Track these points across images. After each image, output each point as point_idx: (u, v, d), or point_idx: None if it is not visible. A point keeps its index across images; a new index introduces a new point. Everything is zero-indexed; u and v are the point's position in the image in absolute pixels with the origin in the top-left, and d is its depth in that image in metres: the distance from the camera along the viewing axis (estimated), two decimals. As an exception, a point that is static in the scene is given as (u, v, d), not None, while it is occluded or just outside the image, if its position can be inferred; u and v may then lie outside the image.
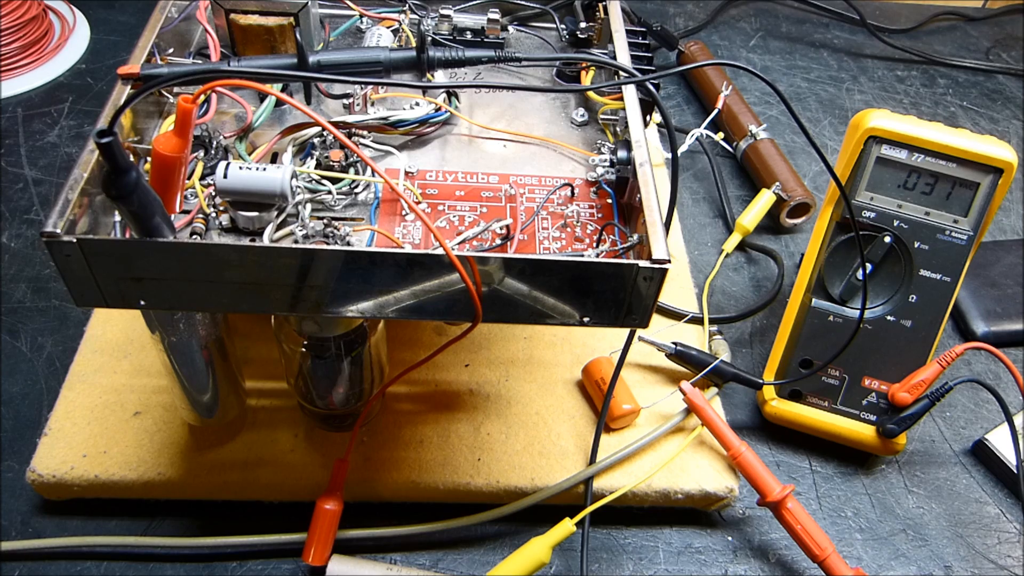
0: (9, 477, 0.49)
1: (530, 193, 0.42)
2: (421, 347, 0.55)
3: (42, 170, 0.68)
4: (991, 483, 0.54)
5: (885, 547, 0.51)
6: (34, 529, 0.47)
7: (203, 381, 0.44)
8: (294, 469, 0.48)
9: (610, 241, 0.40)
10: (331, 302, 0.34)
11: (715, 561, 0.49)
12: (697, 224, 0.70)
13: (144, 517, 0.48)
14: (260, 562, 0.46)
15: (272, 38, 0.42)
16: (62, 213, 0.31)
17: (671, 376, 0.55)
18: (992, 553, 0.51)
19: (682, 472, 0.49)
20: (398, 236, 0.39)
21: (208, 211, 0.38)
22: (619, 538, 0.50)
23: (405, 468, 0.48)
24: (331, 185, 0.40)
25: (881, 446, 0.52)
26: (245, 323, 0.54)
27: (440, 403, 0.52)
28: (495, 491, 0.48)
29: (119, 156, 0.29)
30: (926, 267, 0.52)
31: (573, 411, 0.52)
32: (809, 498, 0.53)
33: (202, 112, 0.40)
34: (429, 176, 0.42)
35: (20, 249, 0.62)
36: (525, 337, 0.56)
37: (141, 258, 0.32)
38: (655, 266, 0.33)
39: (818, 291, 0.54)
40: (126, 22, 0.86)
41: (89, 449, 0.47)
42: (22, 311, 0.58)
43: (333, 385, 0.46)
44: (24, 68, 0.77)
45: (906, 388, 0.51)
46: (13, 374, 0.54)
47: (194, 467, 0.47)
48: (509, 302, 0.34)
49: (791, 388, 0.54)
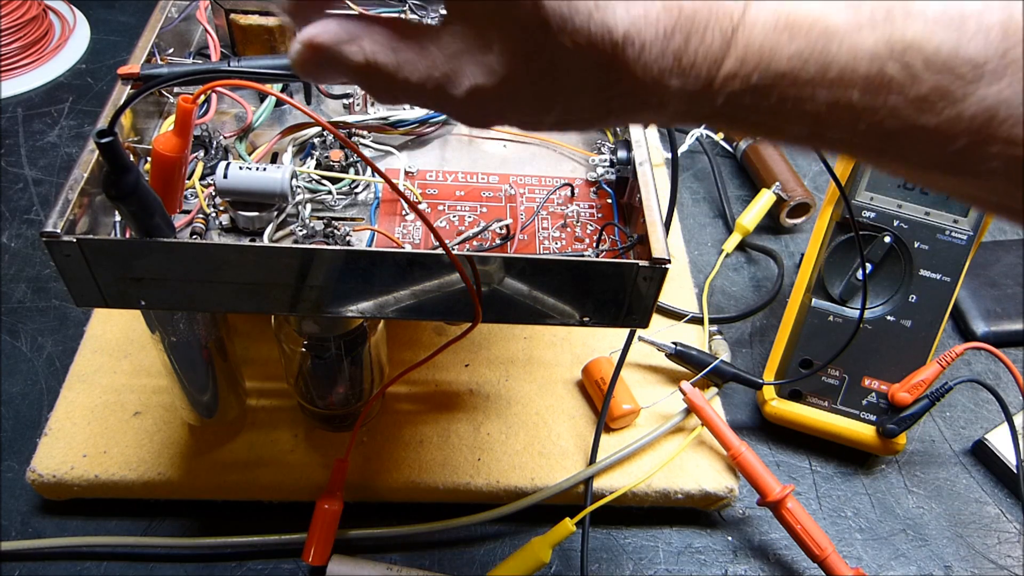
0: (9, 477, 0.49)
1: (530, 193, 0.42)
2: (421, 347, 0.55)
3: (42, 170, 0.68)
4: (991, 483, 0.54)
5: (885, 547, 0.51)
6: (34, 529, 0.47)
7: (203, 381, 0.44)
8: (294, 469, 0.48)
9: (610, 241, 0.40)
10: (331, 302, 0.34)
11: (715, 561, 0.49)
12: (697, 224, 0.70)
13: (144, 517, 0.48)
14: (260, 562, 0.46)
15: (272, 38, 0.42)
16: (62, 213, 0.31)
17: (671, 376, 0.55)
18: (992, 553, 0.51)
19: (682, 472, 0.49)
20: (398, 236, 0.39)
21: (208, 211, 0.38)
22: (619, 538, 0.50)
23: (405, 468, 0.48)
24: (331, 185, 0.40)
25: (881, 446, 0.52)
26: (245, 323, 0.54)
27: (440, 403, 0.52)
28: (495, 491, 0.48)
29: (119, 156, 0.29)
30: (926, 267, 0.52)
31: (573, 411, 0.52)
32: (809, 498, 0.53)
33: (202, 112, 0.40)
34: (429, 176, 0.42)
35: (20, 249, 0.62)
36: (525, 337, 0.56)
37: (141, 258, 0.32)
38: (655, 266, 0.33)
39: (818, 291, 0.54)
40: (126, 22, 0.86)
41: (89, 449, 0.47)
42: (22, 311, 0.58)
43: (333, 385, 0.46)
44: (24, 68, 0.77)
45: (906, 388, 0.51)
46: (13, 374, 0.54)
47: (194, 467, 0.47)
48: (509, 302, 0.34)
49: (791, 388, 0.54)
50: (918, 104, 0.19)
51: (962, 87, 0.18)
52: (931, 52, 0.18)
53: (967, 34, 0.18)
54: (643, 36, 0.20)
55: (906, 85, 0.19)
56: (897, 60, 0.19)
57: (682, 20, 0.20)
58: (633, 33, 0.20)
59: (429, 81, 0.22)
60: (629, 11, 0.20)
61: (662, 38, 0.20)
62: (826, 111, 0.20)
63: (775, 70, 0.20)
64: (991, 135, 0.18)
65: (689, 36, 0.20)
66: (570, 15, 0.20)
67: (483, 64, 0.21)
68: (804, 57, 0.19)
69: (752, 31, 0.20)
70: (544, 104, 0.22)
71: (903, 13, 0.19)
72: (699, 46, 0.20)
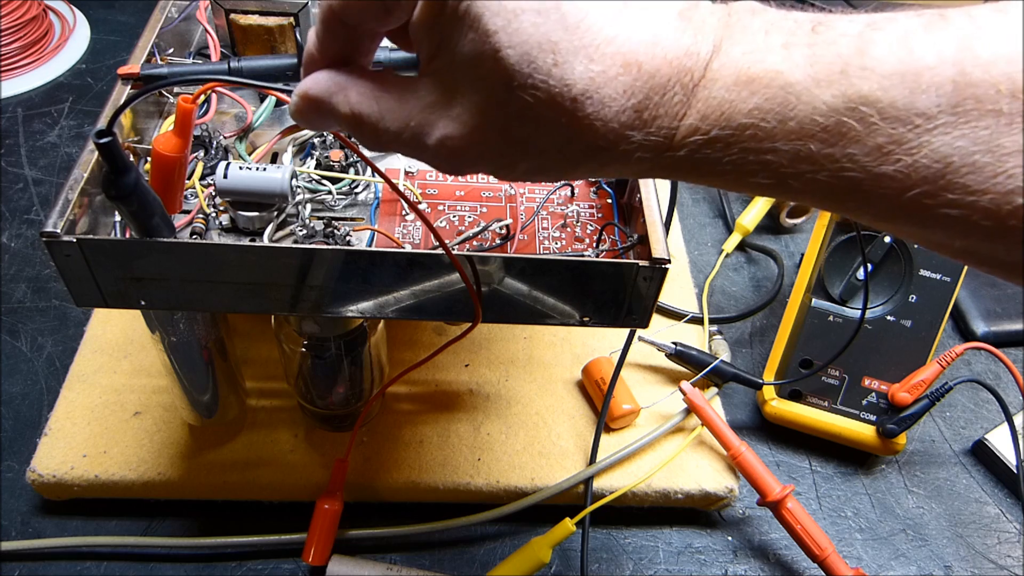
0: (9, 477, 0.49)
1: (530, 193, 0.42)
2: (421, 347, 0.55)
3: (42, 170, 0.68)
4: (991, 483, 0.54)
5: (885, 547, 0.51)
6: (34, 529, 0.47)
7: (203, 381, 0.44)
8: (294, 469, 0.48)
9: (610, 241, 0.40)
10: (331, 302, 0.34)
11: (715, 561, 0.49)
12: (697, 224, 0.70)
13: (144, 517, 0.48)
14: (260, 562, 0.46)
15: (272, 38, 0.42)
16: (62, 213, 0.31)
17: (671, 376, 0.55)
18: (992, 553, 0.51)
19: (682, 472, 0.49)
20: (398, 236, 0.39)
21: (208, 211, 0.38)
22: (619, 538, 0.50)
23: (405, 468, 0.48)
24: (331, 185, 0.40)
25: (881, 446, 0.52)
26: (245, 323, 0.54)
27: (440, 403, 0.52)
28: (495, 491, 0.48)
29: (119, 156, 0.29)
30: (926, 267, 0.52)
31: (573, 411, 0.52)
32: (809, 498, 0.53)
33: (202, 112, 0.40)
34: (429, 176, 0.42)
35: (20, 249, 0.62)
36: (525, 337, 0.56)
37: (141, 258, 0.32)
38: (655, 266, 0.33)
39: (818, 291, 0.54)
40: (126, 22, 0.86)
41: (89, 449, 0.47)
42: (22, 311, 0.58)
43: (333, 385, 0.46)
44: (24, 68, 0.77)
45: (906, 388, 0.51)
46: (13, 374, 0.54)
47: (194, 467, 0.47)
48: (509, 302, 0.34)
49: (791, 388, 0.54)
50: (875, 153, 0.19)
51: (916, 137, 0.19)
52: (885, 105, 0.19)
53: (920, 88, 0.19)
54: (601, 93, 0.20)
55: (863, 135, 0.19)
56: (853, 113, 0.19)
57: (642, 77, 0.20)
58: (591, 90, 0.20)
59: (406, 130, 0.24)
60: (589, 68, 0.20)
61: (621, 95, 0.20)
62: (787, 162, 0.20)
63: (736, 123, 0.20)
64: (948, 183, 0.19)
65: (649, 93, 0.21)
66: (530, 71, 0.20)
67: (452, 115, 0.22)
68: (764, 110, 0.20)
69: (713, 87, 0.20)
70: (513, 155, 0.23)
71: (858, 69, 0.19)
72: (660, 102, 0.21)
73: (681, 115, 0.21)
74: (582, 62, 0.20)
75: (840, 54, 0.20)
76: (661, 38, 0.21)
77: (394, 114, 0.24)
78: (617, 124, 0.21)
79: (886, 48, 0.19)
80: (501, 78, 0.21)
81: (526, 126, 0.21)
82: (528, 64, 0.20)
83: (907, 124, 0.19)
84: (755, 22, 0.21)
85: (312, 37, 0.26)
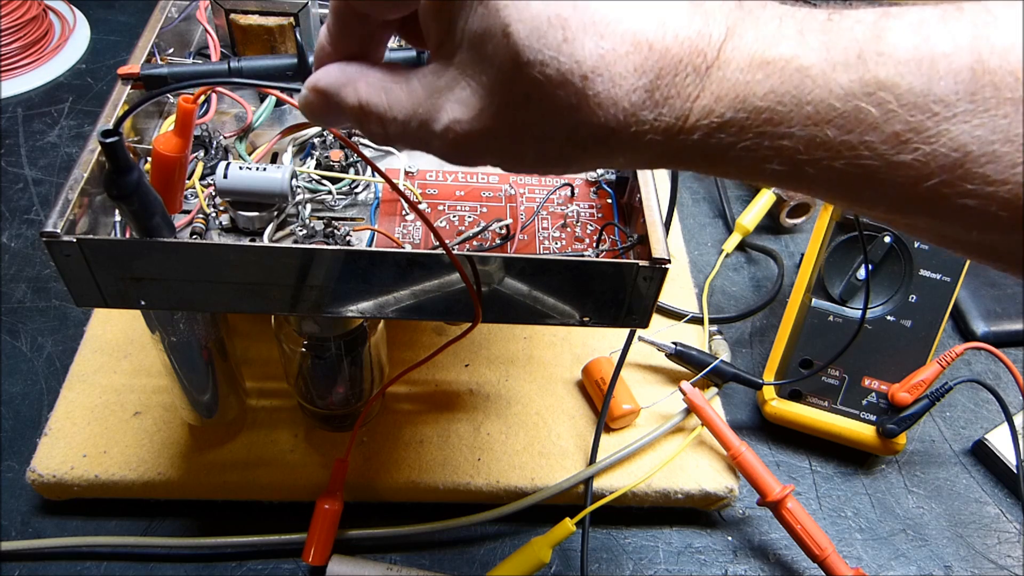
0: (9, 477, 0.49)
1: (530, 193, 0.42)
2: (421, 347, 0.55)
3: (42, 170, 0.68)
4: (991, 483, 0.54)
5: (885, 547, 0.51)
6: (34, 529, 0.47)
7: (203, 381, 0.44)
8: (294, 469, 0.48)
9: (610, 241, 0.40)
10: (331, 302, 0.34)
11: (715, 561, 0.49)
12: (697, 224, 0.70)
13: (144, 517, 0.48)
14: (260, 562, 0.46)
15: (272, 38, 0.42)
16: (62, 213, 0.31)
17: (671, 376, 0.55)
18: (992, 553, 0.51)
19: (682, 472, 0.49)
20: (398, 236, 0.39)
21: (208, 211, 0.38)
22: (619, 538, 0.50)
23: (405, 468, 0.48)
24: (331, 185, 0.40)
25: (881, 446, 0.52)
26: (245, 323, 0.54)
27: (440, 403, 0.52)
28: (495, 491, 0.48)
29: (122, 156, 0.29)
30: (926, 267, 0.52)
31: (573, 411, 0.52)
32: (809, 498, 0.53)
33: (202, 112, 0.40)
34: (429, 176, 0.42)
35: (20, 249, 0.62)
36: (525, 337, 0.56)
37: (141, 258, 0.32)
38: (655, 266, 0.33)
39: (818, 291, 0.54)
40: (126, 22, 0.86)
41: (89, 449, 0.47)
42: (22, 311, 0.58)
43: (333, 385, 0.46)
44: (24, 68, 0.77)
45: (906, 388, 0.51)
46: (13, 374, 0.54)
47: (194, 467, 0.47)
48: (509, 302, 0.34)
49: (791, 388, 0.54)
50: (893, 141, 0.19)
51: (935, 124, 0.19)
52: (903, 91, 0.19)
53: (937, 75, 0.18)
54: (612, 71, 0.20)
55: (880, 122, 0.19)
56: (870, 98, 0.19)
57: (653, 56, 0.20)
58: (602, 67, 0.20)
59: (413, 118, 0.23)
60: (599, 45, 0.20)
61: (632, 73, 0.20)
62: (803, 148, 0.20)
63: (750, 106, 0.20)
64: (966, 172, 0.19)
65: (661, 73, 0.20)
66: (540, 47, 0.20)
67: (460, 98, 0.22)
68: (780, 93, 0.20)
69: (727, 69, 0.20)
70: (521, 141, 0.22)
71: (874, 54, 0.19)
72: (672, 83, 0.20)
73: (694, 96, 0.20)
74: (592, 39, 0.20)
75: (856, 39, 0.19)
76: (672, 20, 0.20)
77: (402, 103, 0.23)
78: (628, 104, 0.20)
79: (902, 35, 0.19)
80: (510, 54, 0.20)
81: (534, 109, 0.21)
82: (538, 39, 0.20)
83: (925, 112, 0.19)
84: (766, 12, 0.21)
85: (324, 31, 0.25)
